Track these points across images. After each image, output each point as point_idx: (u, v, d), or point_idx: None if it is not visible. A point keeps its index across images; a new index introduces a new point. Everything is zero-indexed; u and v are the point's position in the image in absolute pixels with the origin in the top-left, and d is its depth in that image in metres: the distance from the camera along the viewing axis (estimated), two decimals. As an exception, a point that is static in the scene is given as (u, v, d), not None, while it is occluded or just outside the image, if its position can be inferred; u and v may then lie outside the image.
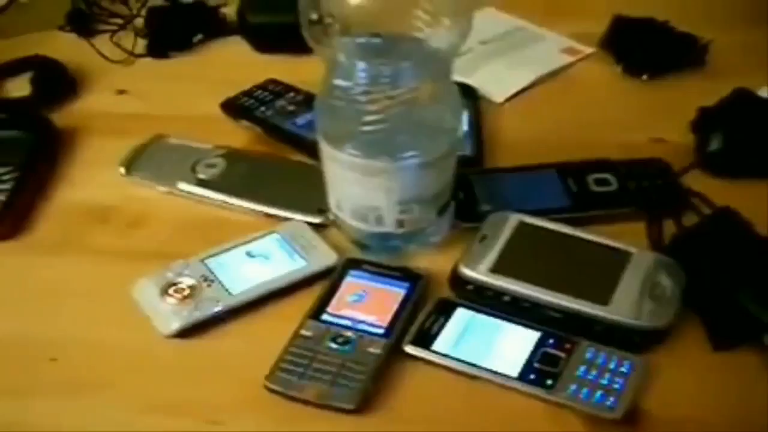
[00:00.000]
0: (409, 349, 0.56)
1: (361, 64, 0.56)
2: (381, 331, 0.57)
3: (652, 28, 0.82)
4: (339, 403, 0.53)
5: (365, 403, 0.53)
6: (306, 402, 0.53)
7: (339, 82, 0.58)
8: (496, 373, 0.54)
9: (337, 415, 0.53)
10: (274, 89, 0.79)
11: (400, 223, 0.62)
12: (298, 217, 0.66)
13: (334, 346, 0.56)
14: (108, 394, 0.55)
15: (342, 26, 0.55)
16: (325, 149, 0.61)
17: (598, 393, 0.53)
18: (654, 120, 0.75)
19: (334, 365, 0.55)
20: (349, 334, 0.56)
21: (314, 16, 0.55)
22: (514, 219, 0.63)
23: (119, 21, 0.91)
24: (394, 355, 0.56)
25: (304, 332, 0.57)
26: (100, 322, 0.60)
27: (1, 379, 0.57)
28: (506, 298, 0.58)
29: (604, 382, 0.53)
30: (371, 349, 0.55)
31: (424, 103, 0.58)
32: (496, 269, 0.59)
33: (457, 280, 0.60)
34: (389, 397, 0.54)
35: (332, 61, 0.58)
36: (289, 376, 0.54)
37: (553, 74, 0.82)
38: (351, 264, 0.61)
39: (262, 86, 0.79)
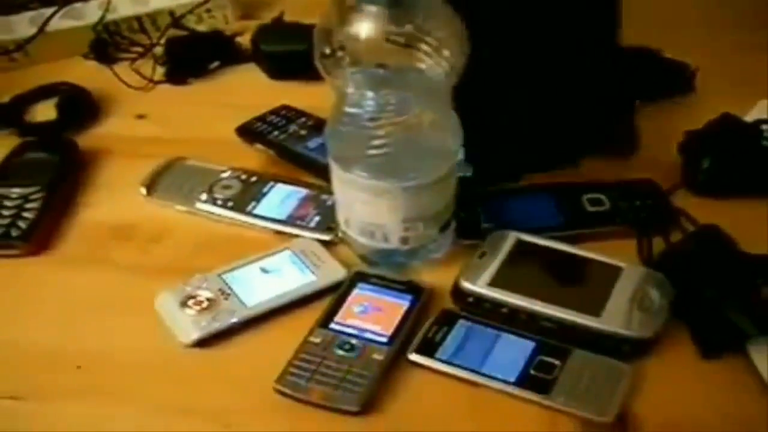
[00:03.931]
0: (414, 357, 0.58)
1: (369, 94, 0.58)
2: (384, 339, 0.58)
3: (643, 56, 0.82)
4: (343, 405, 0.55)
5: (369, 405, 0.55)
6: (312, 404, 0.55)
7: (349, 109, 0.60)
8: (494, 378, 0.56)
9: (343, 418, 0.55)
10: (287, 114, 0.80)
11: (405, 240, 0.63)
12: (309, 234, 0.68)
13: (340, 352, 0.58)
14: (130, 399, 0.57)
15: (352, 59, 0.57)
16: (336, 171, 0.62)
17: (591, 398, 0.55)
18: (645, 142, 0.76)
19: (340, 370, 0.56)
20: (354, 341, 0.58)
21: (327, 50, 0.57)
22: (512, 236, 0.64)
23: (139, 49, 0.92)
24: (398, 362, 0.57)
25: (312, 339, 0.59)
26: (123, 332, 0.61)
27: (29, 384, 0.58)
28: (504, 310, 0.60)
29: (596, 387, 0.55)
30: (375, 356, 0.57)
31: (427, 128, 0.60)
32: (495, 283, 0.61)
33: (458, 293, 0.62)
34: (393, 401, 0.56)
35: (342, 90, 0.59)
36: (298, 380, 0.56)
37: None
38: (359, 277, 0.63)
39: (275, 112, 0.80)
